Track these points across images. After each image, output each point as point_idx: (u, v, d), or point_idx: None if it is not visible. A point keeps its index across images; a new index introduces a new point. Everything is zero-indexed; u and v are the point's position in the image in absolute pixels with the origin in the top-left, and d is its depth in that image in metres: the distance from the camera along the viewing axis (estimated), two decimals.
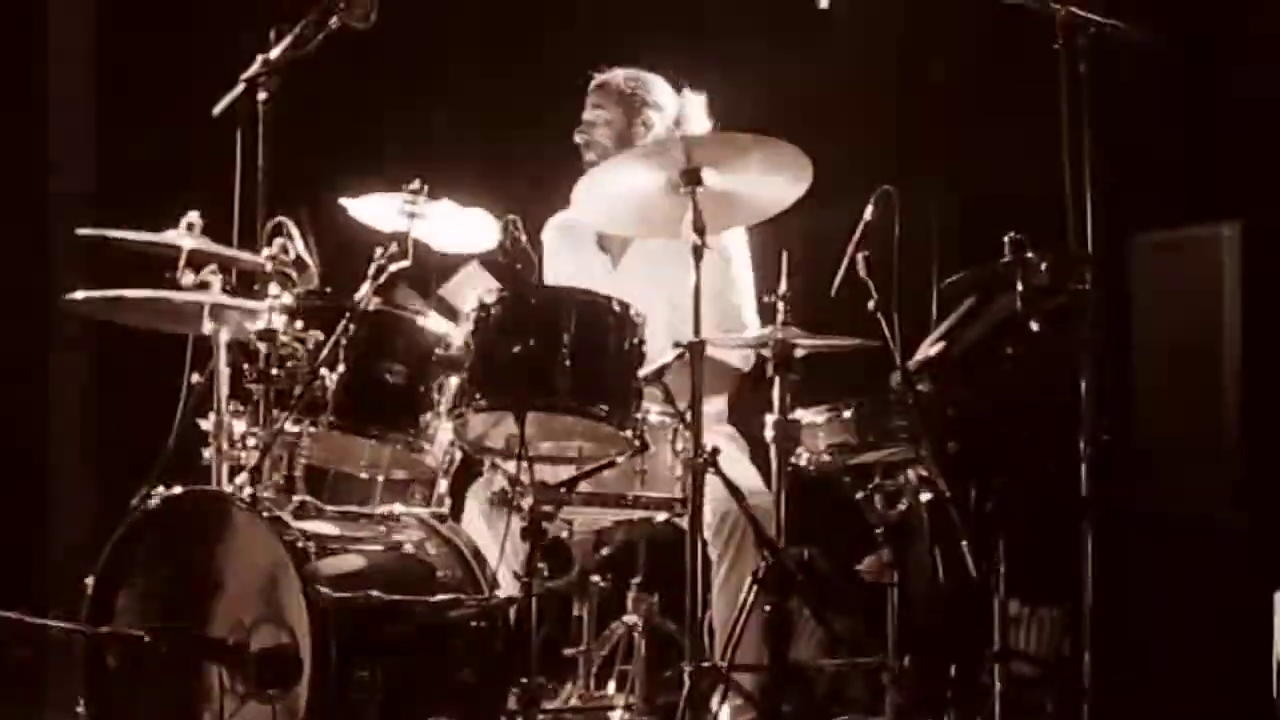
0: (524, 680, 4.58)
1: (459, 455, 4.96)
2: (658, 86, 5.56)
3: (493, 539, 4.89)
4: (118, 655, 4.71)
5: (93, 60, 6.70)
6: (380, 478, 5.09)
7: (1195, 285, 5.56)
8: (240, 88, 5.24)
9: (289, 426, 4.74)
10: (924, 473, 4.89)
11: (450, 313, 4.87)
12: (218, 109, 5.28)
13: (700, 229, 4.68)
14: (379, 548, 4.82)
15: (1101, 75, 4.83)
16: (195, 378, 5.05)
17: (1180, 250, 5.63)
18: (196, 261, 4.98)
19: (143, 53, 6.67)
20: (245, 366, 4.84)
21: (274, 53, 5.23)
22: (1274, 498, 5.37)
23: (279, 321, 4.80)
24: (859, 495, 4.97)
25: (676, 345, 4.73)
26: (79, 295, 5.04)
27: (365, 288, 4.79)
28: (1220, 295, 5.51)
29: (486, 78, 6.47)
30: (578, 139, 5.54)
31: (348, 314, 4.77)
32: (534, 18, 6.45)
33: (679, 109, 5.53)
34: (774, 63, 6.08)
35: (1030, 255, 4.79)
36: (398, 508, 4.96)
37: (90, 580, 4.72)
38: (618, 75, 5.58)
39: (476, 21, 6.49)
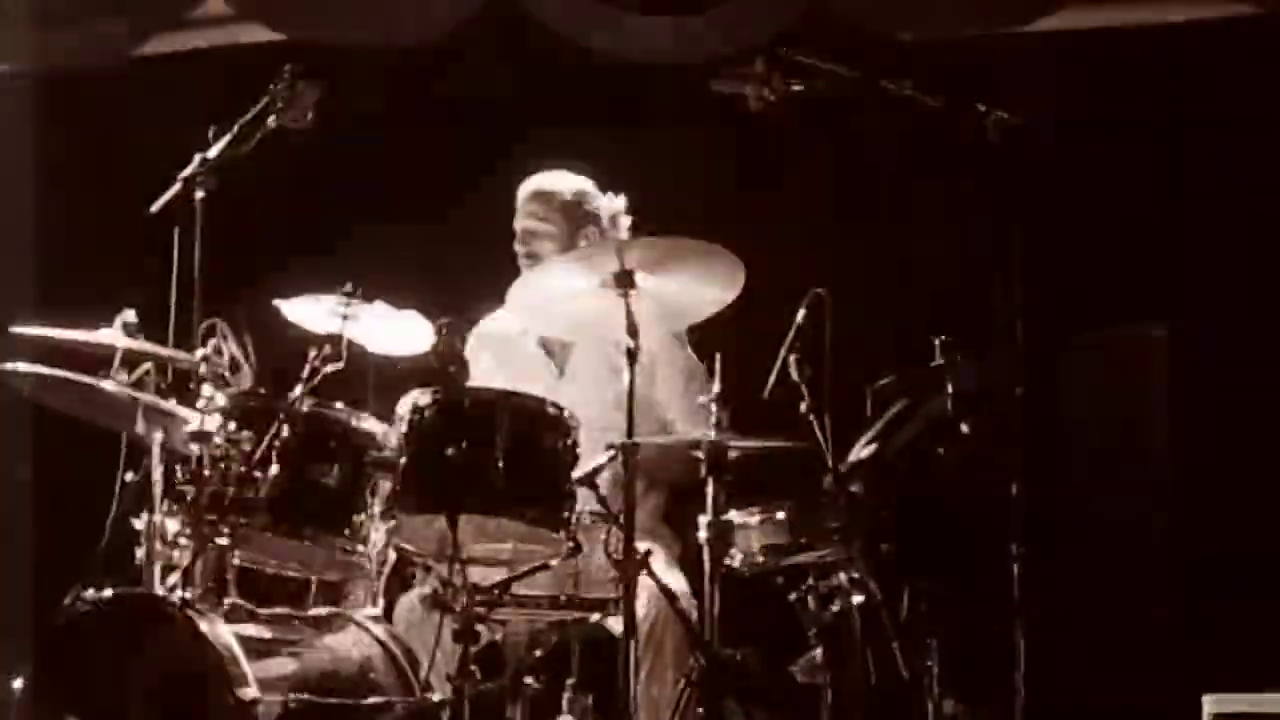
0: None
1: (392, 556, 4.97)
2: (595, 193, 5.57)
3: (425, 641, 4.89)
4: None
5: (30, 156, 6.70)
6: (314, 579, 5.07)
7: (1124, 386, 5.61)
8: (178, 186, 5.26)
9: (222, 528, 4.73)
10: (856, 574, 4.90)
11: None
12: (155, 207, 5.30)
13: (633, 332, 4.71)
14: (311, 650, 4.80)
15: (1031, 178, 4.87)
16: (129, 476, 5.05)
17: (1109, 351, 5.68)
18: (131, 360, 4.99)
19: (80, 149, 6.67)
20: (178, 467, 4.84)
21: (212, 152, 5.25)
22: (1204, 600, 5.40)
23: (212, 422, 4.80)
24: (792, 596, 4.97)
25: (610, 447, 4.75)
26: (13, 367, 5.03)
27: (298, 389, 4.80)
28: (1149, 396, 5.56)
29: (422, 181, 6.49)
30: (518, 249, 5.54)
31: (281, 416, 4.78)
32: (472, 120, 6.48)
33: (610, 213, 5.56)
34: (707, 165, 6.13)
35: (960, 358, 4.83)
36: (331, 609, 4.96)
37: (19, 682, 4.70)
38: (560, 185, 5.57)
39: (413, 123, 6.52)
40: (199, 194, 5.23)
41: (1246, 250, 5.78)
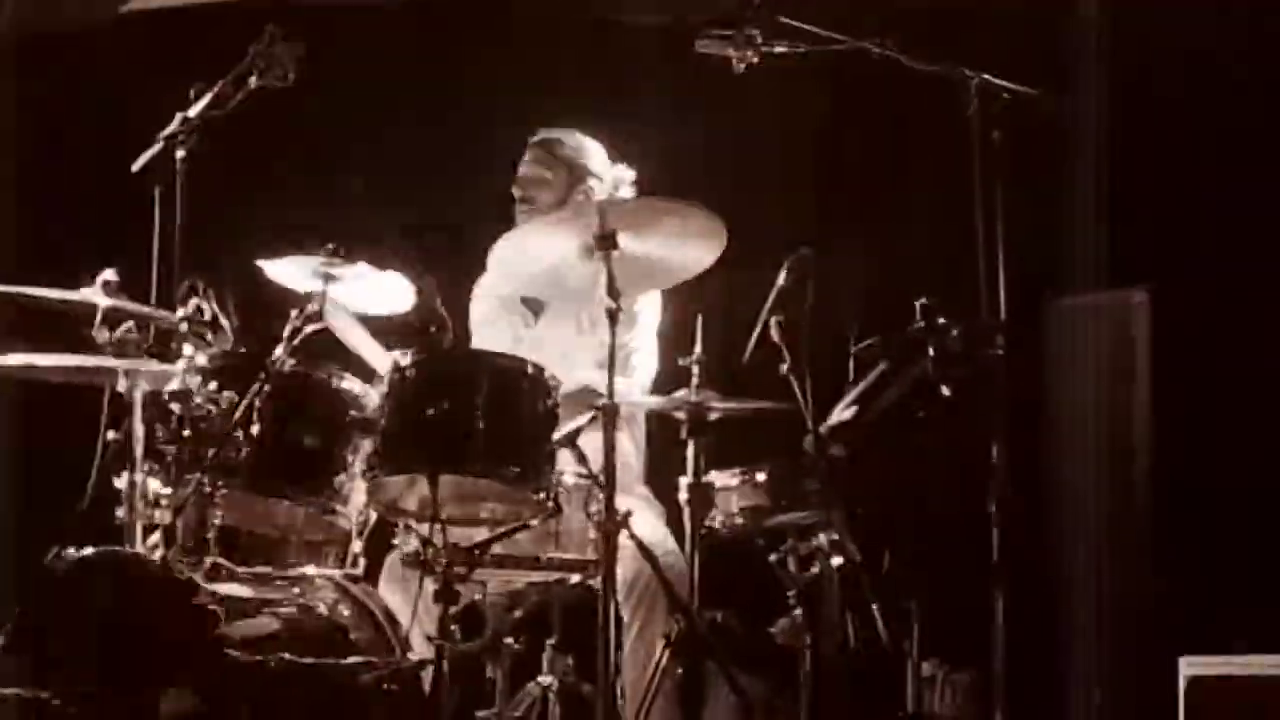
0: None
1: (373, 517, 4.97)
2: (599, 156, 5.57)
3: (406, 601, 4.91)
4: (26, 718, 4.69)
5: (12, 114, 6.68)
6: (294, 539, 5.07)
7: (1106, 349, 5.62)
8: (159, 145, 5.25)
9: (202, 488, 4.74)
10: (836, 536, 4.91)
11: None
12: (136, 166, 5.29)
13: (615, 293, 4.71)
14: (291, 610, 4.80)
15: (1014, 141, 4.87)
16: (111, 435, 5.04)
17: (1091, 315, 5.69)
18: (112, 319, 4.98)
19: (62, 107, 6.65)
20: (159, 427, 4.83)
21: (193, 110, 5.24)
22: (1183, 562, 5.42)
23: (193, 382, 4.80)
24: (772, 558, 4.99)
25: (591, 408, 4.75)
26: None
27: (280, 349, 4.79)
28: (1132, 359, 5.57)
29: (406, 139, 6.48)
30: (516, 192, 5.55)
31: (262, 375, 4.78)
32: (455, 79, 6.47)
33: (614, 181, 5.55)
34: (690, 126, 6.12)
35: (942, 320, 4.84)
36: (310, 569, 4.96)
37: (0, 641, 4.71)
38: (567, 139, 5.58)
39: (398, 82, 6.51)
40: (180, 153, 5.23)
41: (1229, 214, 5.78)
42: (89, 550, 4.71)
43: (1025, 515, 4.84)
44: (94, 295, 4.99)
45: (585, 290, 4.81)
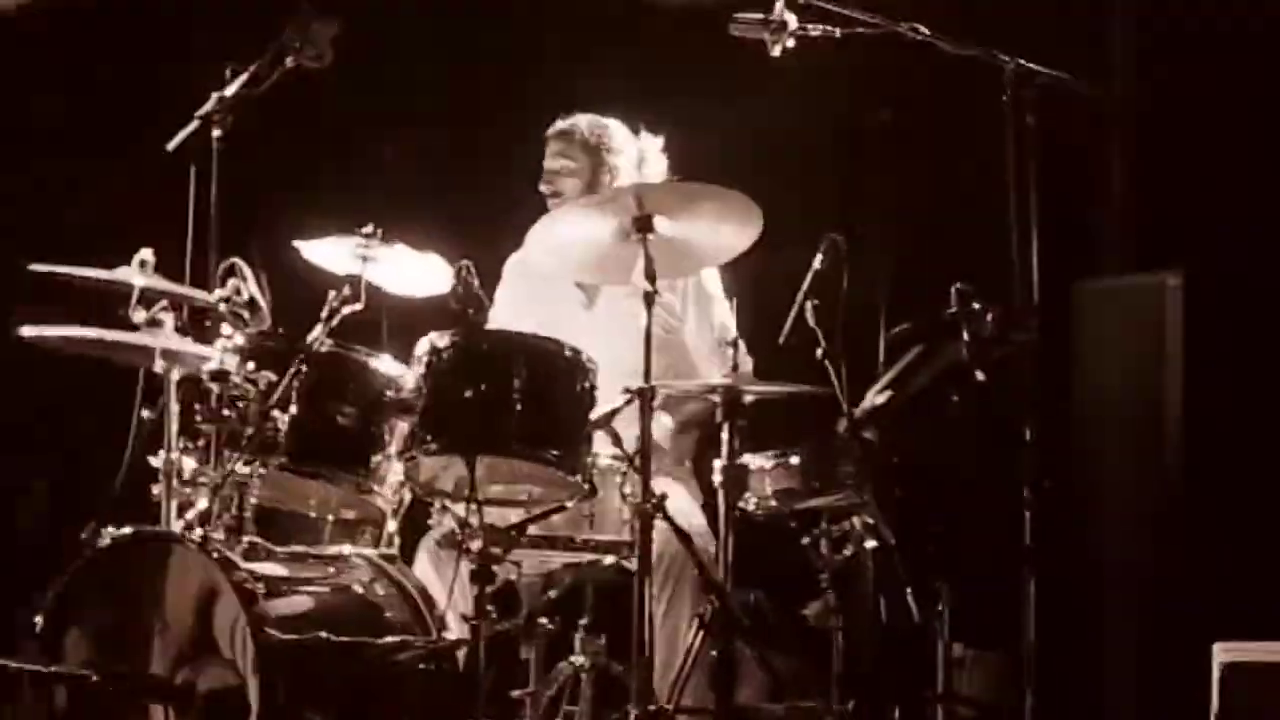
0: None
1: (409, 497, 5.00)
2: (619, 133, 5.57)
3: (441, 581, 4.93)
4: (66, 695, 4.72)
5: (46, 93, 6.70)
6: (330, 518, 5.10)
7: (1138, 334, 5.62)
8: (195, 125, 5.27)
9: (239, 467, 4.76)
10: (869, 519, 4.92)
11: None
12: (172, 145, 5.30)
13: (651, 276, 4.72)
14: (328, 589, 4.84)
15: (1047, 125, 4.87)
16: (146, 413, 5.07)
17: (1123, 299, 5.70)
18: (148, 299, 5.01)
19: (96, 88, 6.66)
20: (196, 406, 4.86)
21: (229, 91, 5.26)
22: (1215, 547, 5.43)
23: (231, 362, 4.82)
24: (805, 540, 5.00)
25: (626, 390, 4.77)
26: (31, 331, 5.04)
27: (318, 330, 4.82)
28: (1163, 344, 5.57)
29: (443, 121, 6.49)
30: (544, 189, 5.55)
31: (300, 356, 4.80)
32: (490, 62, 6.48)
33: (638, 154, 5.56)
34: (726, 110, 6.12)
35: (976, 305, 4.84)
36: (347, 549, 4.99)
37: (39, 619, 4.74)
38: (581, 123, 5.57)
39: (433, 63, 6.52)
40: (216, 132, 5.24)
41: (1262, 197, 5.78)
42: (126, 529, 4.77)
43: (1057, 498, 4.84)
44: (130, 275, 5.02)
45: (621, 273, 4.81)
